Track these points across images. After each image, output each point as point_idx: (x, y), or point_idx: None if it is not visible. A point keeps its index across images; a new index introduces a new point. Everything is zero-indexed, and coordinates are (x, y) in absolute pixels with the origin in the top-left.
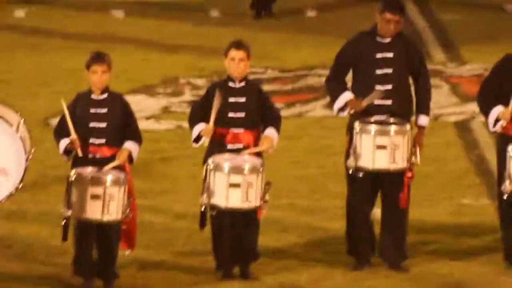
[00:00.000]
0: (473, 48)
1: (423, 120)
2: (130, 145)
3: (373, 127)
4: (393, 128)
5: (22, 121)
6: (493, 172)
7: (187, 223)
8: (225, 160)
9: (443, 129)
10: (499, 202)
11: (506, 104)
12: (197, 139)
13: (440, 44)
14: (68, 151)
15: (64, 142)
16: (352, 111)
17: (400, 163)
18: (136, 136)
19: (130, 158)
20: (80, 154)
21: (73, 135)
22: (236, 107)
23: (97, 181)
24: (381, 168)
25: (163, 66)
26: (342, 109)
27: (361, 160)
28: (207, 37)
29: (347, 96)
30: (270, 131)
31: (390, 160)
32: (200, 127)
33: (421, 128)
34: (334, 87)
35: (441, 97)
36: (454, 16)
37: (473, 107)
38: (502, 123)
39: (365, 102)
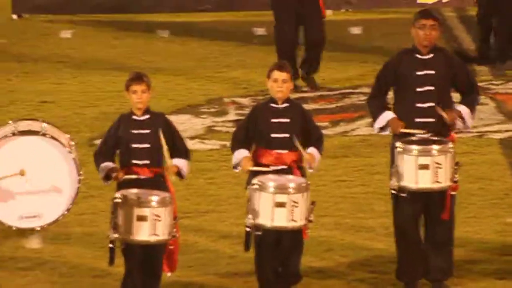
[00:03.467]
0: None
1: (464, 109)
2: (178, 162)
3: (415, 147)
4: (435, 147)
5: (73, 143)
6: None
7: (231, 243)
8: (269, 180)
9: (488, 147)
10: None
11: None
12: (236, 165)
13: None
14: (108, 177)
15: (105, 166)
16: (392, 132)
17: (443, 182)
18: (183, 152)
19: (180, 175)
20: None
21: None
22: (280, 127)
23: (143, 202)
24: (425, 187)
25: (208, 85)
26: (383, 128)
27: (404, 180)
28: (252, 56)
29: (388, 115)
30: (312, 150)
31: (433, 179)
32: (241, 155)
33: (457, 110)
34: (375, 105)
35: (486, 114)
36: None
37: None
38: None
39: (404, 130)
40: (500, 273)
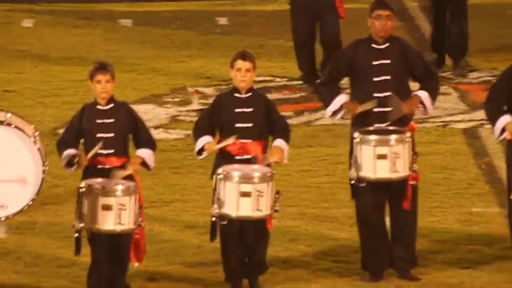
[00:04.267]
0: (481, 55)
1: (423, 94)
2: (142, 152)
3: (372, 137)
4: (393, 137)
5: (38, 133)
6: (503, 180)
7: (196, 233)
8: (234, 170)
9: (452, 136)
10: (509, 210)
11: None
12: (200, 151)
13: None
14: (70, 164)
15: (67, 154)
16: (347, 115)
17: (402, 172)
18: (148, 142)
19: (146, 165)
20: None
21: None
22: (243, 117)
23: (107, 191)
24: (383, 177)
25: (171, 75)
26: (336, 112)
27: (363, 171)
28: (215, 45)
29: (342, 98)
30: (280, 142)
31: (391, 169)
32: (204, 140)
33: (416, 96)
34: (328, 90)
35: (449, 104)
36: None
37: (482, 114)
38: (506, 134)
39: (360, 108)
40: (464, 263)
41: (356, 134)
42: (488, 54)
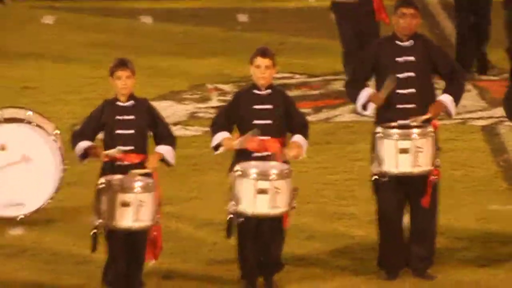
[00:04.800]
0: (501, 51)
1: (447, 98)
2: (161, 149)
3: (395, 131)
4: (415, 131)
5: (58, 131)
6: None
7: (213, 230)
8: (252, 167)
9: (471, 133)
10: None
11: None
12: (217, 147)
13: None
14: (85, 155)
15: (82, 145)
16: (376, 104)
17: (424, 166)
18: (167, 138)
19: (166, 162)
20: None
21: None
22: (262, 114)
23: (126, 188)
24: (405, 171)
25: (191, 72)
26: (365, 106)
27: (385, 165)
28: (235, 42)
29: (368, 91)
30: (298, 138)
31: (413, 163)
32: (221, 136)
33: (440, 102)
34: (354, 87)
35: (469, 101)
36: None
37: (501, 111)
38: None
39: (383, 94)
40: (481, 261)
41: (378, 129)
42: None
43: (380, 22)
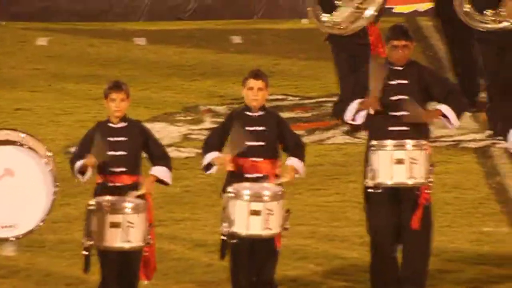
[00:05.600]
0: None
1: (443, 107)
2: (155, 170)
3: (389, 142)
4: (410, 142)
5: (50, 154)
6: None
7: (206, 251)
8: (245, 188)
9: (463, 155)
10: None
11: None
12: (208, 167)
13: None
14: (82, 171)
15: (80, 163)
16: (369, 108)
17: (419, 178)
18: (161, 158)
19: (163, 182)
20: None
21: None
22: (255, 136)
23: (116, 208)
24: (400, 182)
25: (184, 93)
26: (356, 113)
27: (380, 177)
28: (228, 64)
29: (358, 101)
30: (292, 161)
31: (408, 174)
32: (211, 155)
33: (436, 109)
34: (343, 103)
35: (461, 123)
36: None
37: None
38: None
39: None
40: (473, 282)
41: (373, 142)
42: None
43: None
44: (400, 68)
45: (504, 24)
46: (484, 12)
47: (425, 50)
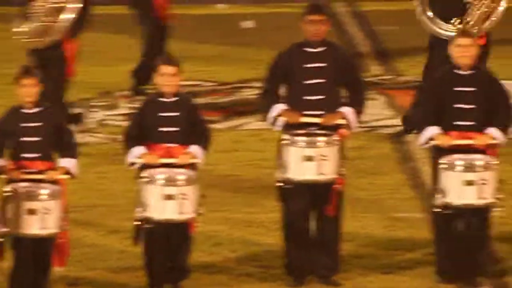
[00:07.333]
0: (409, 60)
1: (347, 110)
2: (65, 162)
3: (301, 139)
4: (321, 139)
5: None
6: (427, 185)
7: (120, 238)
8: (159, 173)
9: (378, 142)
10: (432, 216)
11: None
12: (133, 163)
13: (376, 56)
14: None
15: None
16: (287, 121)
17: (328, 174)
18: (69, 149)
19: (70, 174)
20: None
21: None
22: (169, 121)
23: (32, 195)
24: (309, 179)
25: (99, 79)
26: (274, 121)
27: (290, 172)
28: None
29: (280, 107)
30: (193, 148)
31: (318, 171)
32: (137, 152)
33: (339, 112)
34: (267, 98)
35: (376, 109)
36: (390, 27)
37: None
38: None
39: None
40: (386, 268)
41: (285, 136)
42: (415, 58)
43: None
44: (317, 51)
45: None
46: (450, 20)
47: (340, 36)
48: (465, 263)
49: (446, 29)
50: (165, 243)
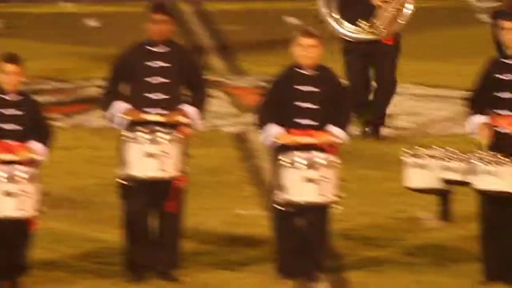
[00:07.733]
0: (252, 58)
1: (190, 109)
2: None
3: (142, 135)
4: (162, 136)
5: None
6: (269, 183)
7: None
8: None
9: (221, 139)
10: (272, 213)
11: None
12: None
13: (220, 54)
14: None
15: None
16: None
17: (170, 171)
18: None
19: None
20: None
21: None
22: (12, 119)
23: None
24: (150, 176)
25: None
26: (117, 118)
27: (131, 169)
28: None
29: (121, 105)
30: (34, 144)
31: (159, 168)
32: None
33: (181, 110)
34: (109, 97)
35: (219, 108)
36: (234, 26)
37: (251, 118)
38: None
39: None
40: (227, 264)
41: (125, 132)
42: (259, 57)
43: None
44: (160, 50)
45: (373, 36)
46: (358, 23)
47: (185, 35)
48: (304, 259)
49: (353, 31)
50: (3, 240)
